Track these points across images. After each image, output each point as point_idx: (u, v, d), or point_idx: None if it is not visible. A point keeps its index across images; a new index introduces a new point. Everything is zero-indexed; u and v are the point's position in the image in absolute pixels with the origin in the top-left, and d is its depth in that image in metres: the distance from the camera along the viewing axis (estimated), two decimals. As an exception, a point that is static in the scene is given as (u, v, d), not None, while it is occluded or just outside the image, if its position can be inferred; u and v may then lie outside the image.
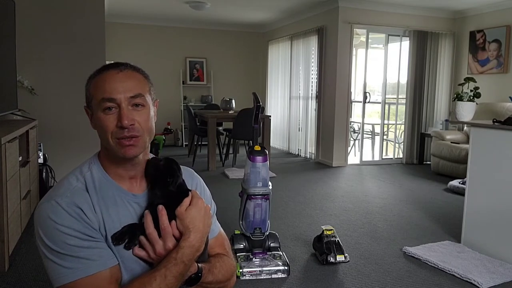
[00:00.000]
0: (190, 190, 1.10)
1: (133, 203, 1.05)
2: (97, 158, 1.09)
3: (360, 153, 6.80)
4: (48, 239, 0.94)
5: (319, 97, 6.61)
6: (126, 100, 1.01)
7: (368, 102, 6.47)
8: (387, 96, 6.76)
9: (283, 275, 2.61)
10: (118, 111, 1.00)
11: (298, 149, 7.36)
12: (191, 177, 1.20)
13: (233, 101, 6.66)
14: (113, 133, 1.00)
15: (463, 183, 4.57)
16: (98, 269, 0.95)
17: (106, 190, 1.03)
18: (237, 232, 2.83)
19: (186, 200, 1.05)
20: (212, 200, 1.24)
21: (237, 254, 2.68)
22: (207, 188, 1.25)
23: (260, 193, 2.69)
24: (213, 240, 1.19)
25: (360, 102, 6.57)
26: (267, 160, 2.75)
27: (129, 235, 1.01)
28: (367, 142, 7.41)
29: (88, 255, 0.94)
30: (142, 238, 1.01)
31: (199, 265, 1.06)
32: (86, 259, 0.94)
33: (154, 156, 1.13)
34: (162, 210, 1.01)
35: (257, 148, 2.73)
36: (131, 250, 1.01)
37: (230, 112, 6.44)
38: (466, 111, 3.13)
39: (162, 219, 1.01)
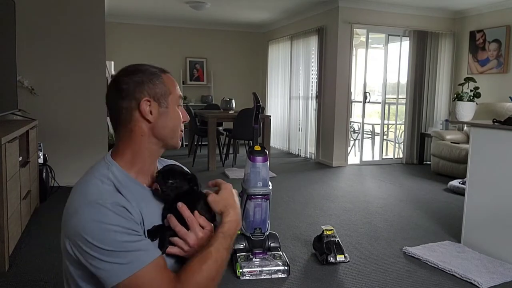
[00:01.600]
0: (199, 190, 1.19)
1: (154, 199, 1.11)
2: (112, 159, 1.10)
3: (360, 153, 6.80)
4: (99, 241, 0.95)
5: (319, 97, 6.61)
6: None
7: (368, 102, 6.47)
8: (387, 96, 6.76)
9: (283, 275, 2.61)
10: (181, 108, 1.17)
11: (298, 149, 7.36)
12: None
13: (233, 101, 6.66)
14: (179, 126, 1.15)
15: (463, 183, 4.57)
16: (152, 258, 0.98)
17: (131, 189, 1.06)
18: (237, 232, 2.82)
19: (212, 193, 1.15)
20: None
21: (237, 254, 2.68)
22: None
23: (260, 193, 2.69)
24: None
25: (360, 102, 6.57)
26: (267, 160, 2.75)
27: (160, 238, 1.07)
28: (367, 142, 7.42)
29: (140, 247, 0.98)
30: (173, 238, 1.08)
31: None
32: (139, 250, 0.97)
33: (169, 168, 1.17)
34: (182, 206, 1.09)
35: (257, 148, 2.73)
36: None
37: (230, 112, 6.44)
38: (466, 111, 3.13)
39: (185, 213, 1.08)
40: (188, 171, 1.20)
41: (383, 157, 6.95)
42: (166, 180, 1.09)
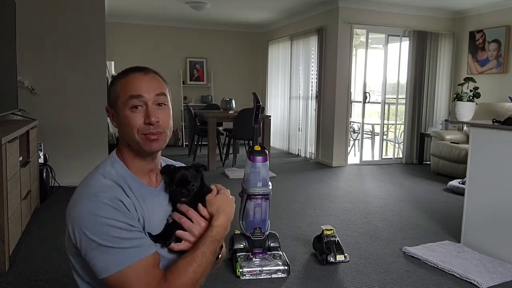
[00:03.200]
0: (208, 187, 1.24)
1: (154, 197, 1.15)
2: (117, 156, 1.16)
3: (360, 153, 6.80)
4: (94, 235, 0.98)
5: (319, 97, 6.61)
6: (152, 99, 1.11)
7: (368, 102, 6.48)
8: (387, 96, 6.77)
9: (283, 275, 2.61)
10: (144, 109, 1.10)
11: (298, 149, 7.36)
12: None
13: (233, 101, 6.66)
14: (140, 129, 1.09)
15: (463, 183, 4.57)
16: (142, 256, 1.01)
17: (134, 187, 1.11)
18: (237, 232, 2.83)
19: (214, 190, 1.20)
20: None
21: (237, 254, 2.68)
22: None
23: (260, 193, 2.69)
24: None
25: (360, 102, 6.58)
26: (267, 160, 2.75)
27: (165, 233, 1.12)
28: (367, 142, 7.42)
29: (132, 244, 1.01)
30: (178, 231, 1.12)
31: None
32: (131, 247, 1.00)
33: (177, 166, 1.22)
34: (181, 206, 1.15)
35: (257, 148, 2.74)
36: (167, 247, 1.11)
37: (230, 112, 6.45)
38: (466, 111, 3.14)
39: (183, 208, 1.14)
40: (182, 164, 1.27)
41: (383, 157, 6.95)
42: (186, 186, 1.14)
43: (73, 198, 1.06)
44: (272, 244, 2.78)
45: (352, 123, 7.22)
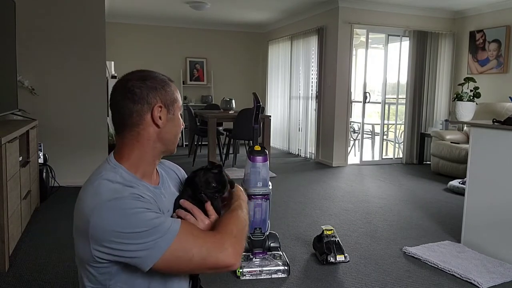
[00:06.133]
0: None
1: (158, 195, 1.16)
2: (116, 161, 1.13)
3: (360, 153, 6.80)
4: (131, 227, 0.98)
5: (319, 97, 6.61)
6: None
7: (368, 102, 6.48)
8: (387, 96, 6.77)
9: (283, 275, 2.61)
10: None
11: (298, 149, 7.36)
12: (178, 170, 1.39)
13: (233, 101, 6.66)
14: (180, 132, 1.23)
15: (463, 183, 4.57)
16: (180, 222, 1.05)
17: (138, 188, 1.10)
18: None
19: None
20: None
21: (237, 254, 2.68)
22: None
23: (260, 193, 2.69)
24: None
25: (360, 102, 6.58)
26: (267, 160, 2.75)
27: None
28: (367, 142, 7.42)
29: (166, 219, 1.03)
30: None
31: None
32: (167, 222, 1.02)
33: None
34: (184, 202, 1.19)
35: (257, 148, 2.73)
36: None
37: (230, 112, 6.44)
38: (466, 111, 3.14)
39: (186, 205, 1.18)
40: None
41: (383, 157, 6.95)
42: (208, 187, 1.20)
43: (85, 209, 1.01)
44: (272, 244, 2.78)
45: (352, 123, 7.22)
